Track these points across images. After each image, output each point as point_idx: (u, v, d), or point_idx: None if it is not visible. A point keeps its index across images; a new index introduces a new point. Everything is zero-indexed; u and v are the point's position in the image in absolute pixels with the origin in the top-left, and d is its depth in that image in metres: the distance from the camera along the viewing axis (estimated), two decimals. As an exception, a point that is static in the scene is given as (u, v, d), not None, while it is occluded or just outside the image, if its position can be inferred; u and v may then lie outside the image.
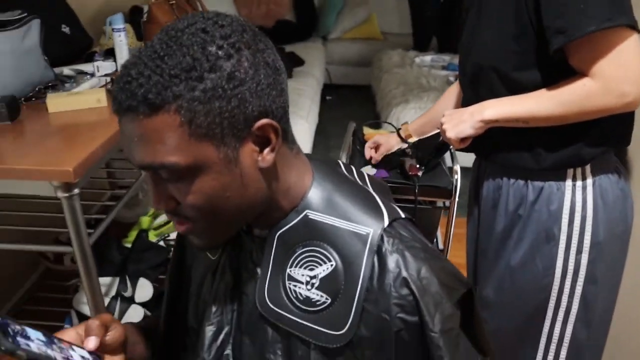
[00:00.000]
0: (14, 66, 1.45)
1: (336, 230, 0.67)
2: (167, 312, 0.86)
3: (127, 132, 0.59)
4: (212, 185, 0.60)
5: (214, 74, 0.56)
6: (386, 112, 3.29)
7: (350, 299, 0.65)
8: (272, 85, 0.61)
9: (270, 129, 0.61)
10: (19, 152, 1.20)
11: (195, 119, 0.56)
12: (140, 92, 0.55)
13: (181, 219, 0.65)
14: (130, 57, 0.59)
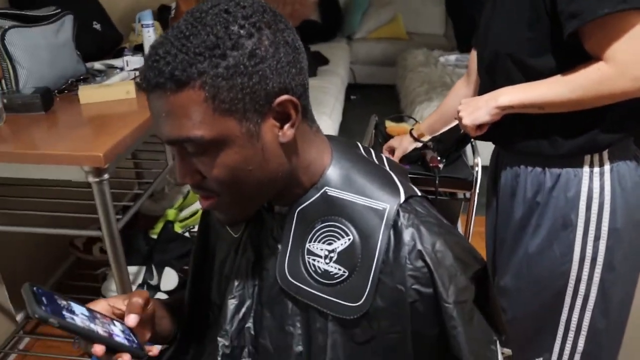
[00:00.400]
0: (48, 59, 1.51)
1: (354, 205, 0.69)
2: (192, 289, 0.90)
3: (155, 108, 0.62)
4: (235, 159, 0.63)
5: (236, 52, 0.59)
6: (409, 109, 3.29)
7: (367, 271, 0.67)
8: (291, 63, 0.63)
9: (290, 105, 0.64)
10: (52, 139, 1.25)
11: (219, 94, 0.59)
12: (167, 69, 0.58)
13: (206, 193, 0.68)
14: (158, 38, 0.62)
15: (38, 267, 2.07)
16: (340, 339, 0.69)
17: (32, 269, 2.03)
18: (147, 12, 1.78)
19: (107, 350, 0.67)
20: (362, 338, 0.68)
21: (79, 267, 2.17)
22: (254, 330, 0.76)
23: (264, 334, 0.75)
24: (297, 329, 0.72)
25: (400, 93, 4.00)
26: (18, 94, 1.42)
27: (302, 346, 0.72)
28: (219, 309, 0.83)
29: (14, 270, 1.88)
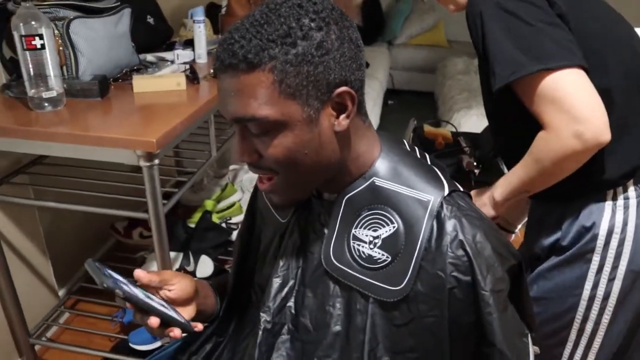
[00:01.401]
0: (107, 49, 1.59)
1: (400, 196, 0.73)
2: (236, 269, 0.95)
3: (225, 87, 0.67)
4: (293, 141, 0.68)
5: (306, 42, 0.64)
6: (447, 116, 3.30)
7: (409, 257, 0.71)
8: (353, 58, 0.68)
9: (348, 97, 0.69)
10: (107, 124, 1.32)
11: (286, 79, 0.64)
12: (241, 52, 0.64)
13: (263, 172, 0.73)
14: (233, 24, 0.68)
15: (81, 246, 2.17)
16: (380, 321, 0.73)
17: (76, 248, 2.12)
18: (200, 9, 1.85)
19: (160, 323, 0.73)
20: (401, 320, 0.72)
21: (118, 250, 2.26)
22: (294, 309, 0.81)
23: (304, 313, 0.79)
24: (337, 309, 0.76)
25: (438, 100, 4.01)
26: (77, 80, 1.51)
27: (340, 326, 0.76)
28: (262, 289, 0.88)
29: (60, 248, 1.97)
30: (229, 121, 0.71)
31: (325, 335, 0.77)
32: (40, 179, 1.64)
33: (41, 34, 1.32)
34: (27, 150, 1.39)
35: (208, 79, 1.67)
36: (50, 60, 1.36)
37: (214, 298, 0.93)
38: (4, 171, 1.60)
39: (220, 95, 0.69)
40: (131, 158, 1.25)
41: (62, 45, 1.50)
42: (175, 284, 0.81)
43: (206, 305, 0.90)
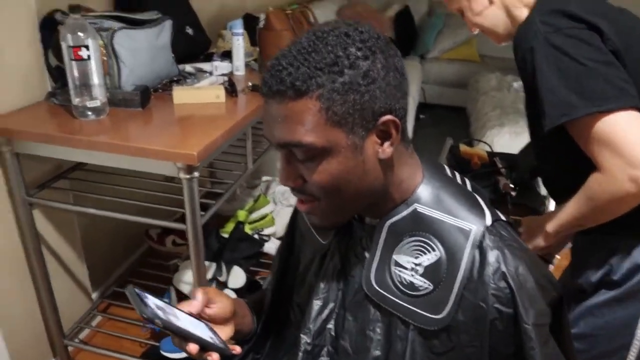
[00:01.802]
0: (148, 60, 1.62)
1: (442, 224, 0.73)
2: (275, 288, 0.95)
3: (272, 113, 0.68)
4: (338, 168, 0.68)
5: (353, 71, 0.65)
6: (480, 133, 3.27)
7: (451, 286, 0.70)
8: (398, 87, 0.69)
9: (392, 125, 0.69)
10: (148, 134, 1.35)
11: (333, 107, 0.65)
12: (289, 79, 0.65)
13: (305, 197, 0.73)
14: (281, 50, 0.69)
15: (115, 251, 2.21)
16: (419, 348, 0.73)
17: (110, 252, 2.16)
18: (238, 22, 1.88)
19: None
20: (441, 349, 0.72)
21: (151, 256, 2.29)
22: (334, 332, 0.81)
23: (344, 336, 0.79)
24: (377, 334, 0.76)
25: (470, 116, 3.98)
26: (120, 90, 1.54)
27: (379, 351, 0.76)
28: (300, 309, 0.88)
29: (95, 252, 2.01)
30: (274, 145, 0.71)
31: (364, 359, 0.76)
32: (80, 184, 1.68)
33: (87, 45, 1.36)
34: (70, 158, 1.43)
35: (246, 92, 1.69)
36: (95, 71, 1.40)
37: (251, 317, 0.94)
38: (45, 176, 1.64)
39: (267, 120, 0.70)
40: (171, 170, 1.27)
41: (106, 55, 1.54)
42: (217, 302, 0.81)
43: (244, 324, 0.90)
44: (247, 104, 1.59)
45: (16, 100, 1.52)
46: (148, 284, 2.06)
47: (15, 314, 1.64)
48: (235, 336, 0.87)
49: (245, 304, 0.95)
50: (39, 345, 1.79)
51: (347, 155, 0.68)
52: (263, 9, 2.62)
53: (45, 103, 1.57)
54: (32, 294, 1.70)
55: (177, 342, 0.74)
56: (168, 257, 2.15)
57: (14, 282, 1.63)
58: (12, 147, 1.43)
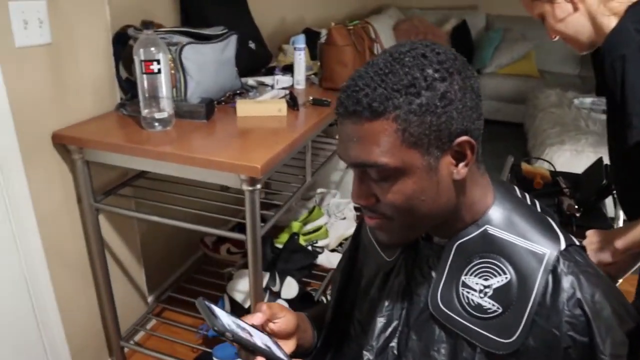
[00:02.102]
0: (213, 73, 1.67)
1: (513, 246, 0.72)
2: (336, 302, 0.95)
3: (347, 132, 0.69)
4: (412, 188, 0.68)
5: (430, 92, 0.65)
6: (539, 151, 3.18)
7: (522, 311, 0.69)
8: (474, 108, 0.68)
9: (468, 146, 0.68)
10: (212, 146, 1.38)
11: (409, 128, 0.65)
12: (365, 100, 0.65)
13: (376, 215, 0.73)
14: (356, 71, 0.70)
15: (171, 257, 2.27)
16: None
17: (167, 258, 2.22)
18: (301, 37, 1.91)
19: None
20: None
21: (206, 263, 2.34)
22: (397, 350, 0.81)
23: (407, 355, 0.79)
24: (442, 355, 0.75)
25: (528, 132, 3.88)
26: (186, 103, 1.59)
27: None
28: (361, 325, 0.88)
29: (153, 257, 2.07)
30: (348, 165, 0.72)
31: None
32: (142, 192, 1.74)
33: (159, 59, 1.41)
34: (138, 167, 1.48)
35: (307, 106, 1.71)
36: (164, 84, 1.45)
37: (312, 331, 0.94)
38: (111, 183, 1.70)
39: (341, 140, 0.71)
40: (234, 181, 1.30)
41: (174, 69, 1.59)
42: (281, 317, 0.82)
43: (305, 339, 0.91)
44: (308, 118, 1.61)
45: (88, 110, 1.59)
46: (202, 290, 2.10)
47: (76, 314, 1.70)
48: (297, 351, 0.87)
49: (307, 318, 0.95)
50: (97, 345, 1.85)
51: (421, 175, 0.68)
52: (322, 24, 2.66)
53: (114, 113, 1.64)
54: (93, 296, 1.77)
55: (244, 355, 0.75)
56: (222, 265, 2.19)
57: (77, 284, 1.69)
58: (83, 155, 1.50)
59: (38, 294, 1.53)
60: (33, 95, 1.40)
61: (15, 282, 1.46)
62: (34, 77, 1.39)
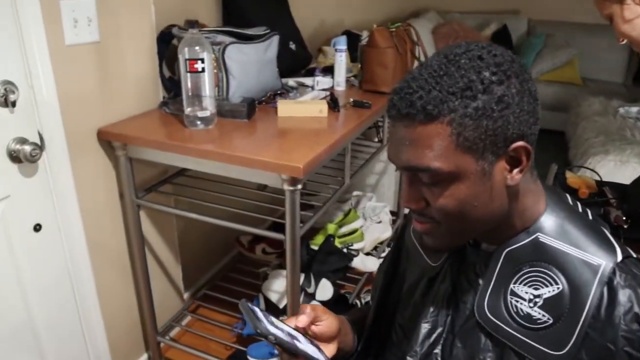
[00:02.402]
0: (255, 73, 1.68)
1: (566, 256, 0.69)
2: (378, 306, 0.94)
3: (399, 135, 0.68)
4: (465, 193, 0.67)
5: (486, 96, 0.63)
6: (581, 160, 3.09)
7: (574, 323, 0.67)
8: (531, 112, 0.66)
9: (523, 152, 0.67)
10: (253, 145, 1.39)
11: (464, 132, 0.64)
12: (419, 103, 0.64)
13: (425, 219, 0.72)
14: (409, 73, 0.68)
15: (207, 255, 2.29)
16: None
17: (203, 256, 2.25)
18: (342, 39, 1.90)
19: None
20: None
21: (241, 262, 2.36)
22: (441, 357, 0.79)
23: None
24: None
25: (569, 141, 3.78)
26: (227, 102, 1.61)
27: None
28: (403, 330, 0.87)
29: (189, 255, 2.10)
30: (398, 168, 0.71)
31: None
32: (181, 189, 1.76)
33: (203, 58, 1.43)
34: (180, 164, 1.50)
35: (347, 108, 1.71)
36: (208, 82, 1.46)
37: (352, 335, 0.93)
38: (152, 180, 1.73)
39: (393, 143, 0.70)
40: (275, 181, 1.30)
41: (217, 68, 1.61)
42: (324, 320, 0.82)
43: (345, 343, 0.90)
44: (349, 120, 1.61)
45: (132, 108, 1.62)
46: (237, 289, 2.11)
47: (115, 307, 1.73)
48: (337, 354, 0.86)
49: (348, 322, 0.94)
50: (134, 338, 1.88)
51: (474, 181, 0.66)
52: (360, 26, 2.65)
53: (157, 111, 1.67)
54: (131, 290, 1.80)
55: (286, 358, 0.75)
56: (258, 264, 2.20)
57: (117, 278, 1.72)
58: (127, 151, 1.52)
59: (80, 287, 1.56)
60: (80, 93, 1.43)
61: (59, 275, 1.49)
62: (82, 75, 1.43)
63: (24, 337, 1.42)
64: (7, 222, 1.30)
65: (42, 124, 1.33)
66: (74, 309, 1.58)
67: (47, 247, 1.43)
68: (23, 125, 1.28)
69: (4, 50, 1.20)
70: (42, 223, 1.40)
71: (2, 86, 1.21)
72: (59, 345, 1.54)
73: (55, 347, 1.53)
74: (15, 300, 1.38)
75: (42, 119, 1.32)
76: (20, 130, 1.28)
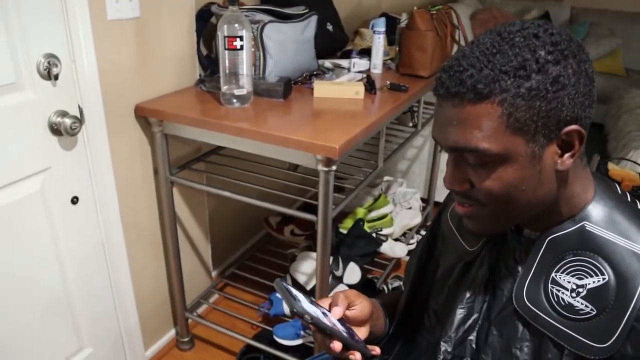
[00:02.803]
0: (292, 53, 1.67)
1: (614, 246, 0.67)
2: (411, 290, 0.93)
3: (447, 115, 0.66)
4: (513, 176, 0.65)
5: (541, 76, 0.60)
6: (621, 153, 3.00)
7: (620, 315, 0.64)
8: (587, 95, 0.63)
9: (577, 136, 0.64)
10: (289, 125, 1.38)
11: (516, 113, 0.61)
12: (470, 81, 0.62)
13: (468, 202, 0.70)
14: (459, 50, 0.66)
15: (236, 235, 2.31)
16: None
17: (232, 235, 2.26)
18: (381, 20, 1.87)
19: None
20: None
21: (269, 243, 2.37)
22: (475, 344, 0.78)
23: (486, 351, 0.76)
24: (524, 354, 0.72)
25: (609, 134, 3.67)
26: (264, 81, 1.60)
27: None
28: (437, 315, 0.86)
29: (219, 233, 2.12)
30: (443, 148, 0.69)
31: None
32: (213, 168, 1.77)
33: (242, 36, 1.42)
34: (215, 142, 1.50)
35: (384, 90, 1.68)
36: (245, 61, 1.46)
37: (384, 319, 0.92)
38: (186, 158, 1.74)
39: (439, 122, 0.68)
40: (309, 161, 1.29)
41: (254, 47, 1.60)
42: (357, 305, 0.81)
43: (377, 326, 0.89)
44: (385, 103, 1.58)
45: (169, 84, 1.63)
46: (264, 269, 2.13)
47: (146, 282, 1.76)
48: (368, 338, 0.85)
49: (380, 305, 0.93)
50: (163, 313, 1.91)
51: (523, 164, 0.64)
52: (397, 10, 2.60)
53: (194, 89, 1.67)
54: (162, 266, 1.83)
55: (319, 337, 0.74)
56: (285, 245, 2.21)
57: (149, 253, 1.75)
58: (163, 128, 1.53)
59: (114, 260, 1.59)
60: (120, 68, 1.44)
61: (94, 248, 1.52)
62: (122, 50, 1.44)
63: (59, 308, 1.46)
64: (47, 193, 1.33)
65: (82, 98, 1.34)
66: (107, 283, 1.61)
67: (83, 220, 1.46)
68: (64, 99, 1.30)
69: (48, 24, 1.22)
70: (79, 196, 1.42)
71: (45, 59, 1.23)
72: (92, 317, 1.58)
73: (88, 319, 1.56)
74: (53, 271, 1.41)
75: (82, 93, 1.34)
76: (62, 104, 1.30)
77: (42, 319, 1.41)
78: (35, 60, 1.21)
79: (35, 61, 1.21)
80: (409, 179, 2.84)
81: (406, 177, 2.85)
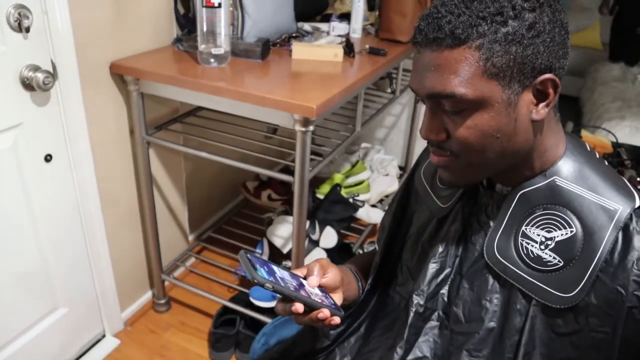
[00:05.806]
0: (271, 14, 1.65)
1: (582, 200, 0.69)
2: (385, 247, 0.94)
3: (424, 61, 0.66)
4: (488, 124, 0.66)
5: (517, 22, 0.61)
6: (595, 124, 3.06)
7: (585, 266, 0.67)
8: (561, 44, 0.65)
9: (551, 85, 0.65)
10: (266, 86, 1.37)
11: (492, 58, 0.62)
12: (448, 27, 0.62)
13: (443, 152, 0.71)
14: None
15: (213, 199, 2.30)
16: (540, 325, 0.70)
17: (209, 199, 2.26)
18: (361, -16, 1.85)
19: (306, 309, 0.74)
20: (564, 330, 0.69)
21: (246, 207, 2.37)
22: (447, 297, 0.80)
23: (457, 303, 0.78)
24: (494, 305, 0.74)
25: (584, 106, 3.73)
26: (242, 41, 1.58)
27: (495, 322, 0.74)
28: (410, 271, 0.87)
29: (196, 197, 2.11)
30: (421, 96, 0.69)
31: (477, 329, 0.75)
32: (191, 129, 1.76)
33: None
34: (191, 101, 1.48)
35: (363, 54, 1.68)
36: (223, 19, 1.43)
37: (356, 283, 0.94)
38: (163, 119, 1.72)
39: (417, 70, 0.68)
40: (287, 121, 1.29)
41: (233, 6, 1.57)
42: (328, 272, 0.82)
43: (350, 291, 0.90)
44: (364, 66, 1.58)
45: (145, 43, 1.59)
46: (242, 233, 2.13)
47: (122, 244, 1.76)
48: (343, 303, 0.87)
49: (350, 270, 0.95)
50: (139, 275, 1.91)
51: (499, 110, 0.65)
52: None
53: (170, 48, 1.65)
54: (138, 228, 1.82)
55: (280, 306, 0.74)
56: (262, 210, 2.22)
57: (124, 214, 1.74)
58: (139, 86, 1.51)
59: (89, 220, 1.58)
60: (95, 23, 1.41)
61: (69, 207, 1.51)
62: (96, 5, 1.40)
63: (33, 266, 1.45)
64: (19, 150, 1.30)
65: (55, 52, 1.31)
66: (82, 243, 1.60)
67: (57, 179, 1.44)
68: (36, 53, 1.27)
69: (17, -28, 1.18)
70: (52, 154, 1.40)
71: (15, 10, 1.19)
72: (66, 277, 1.57)
73: (63, 280, 1.56)
74: (26, 230, 1.39)
75: (55, 47, 1.30)
76: (34, 58, 1.26)
77: (14, 278, 1.40)
78: (5, 11, 1.17)
79: (4, 12, 1.17)
80: (387, 146, 2.86)
81: (384, 144, 2.86)
